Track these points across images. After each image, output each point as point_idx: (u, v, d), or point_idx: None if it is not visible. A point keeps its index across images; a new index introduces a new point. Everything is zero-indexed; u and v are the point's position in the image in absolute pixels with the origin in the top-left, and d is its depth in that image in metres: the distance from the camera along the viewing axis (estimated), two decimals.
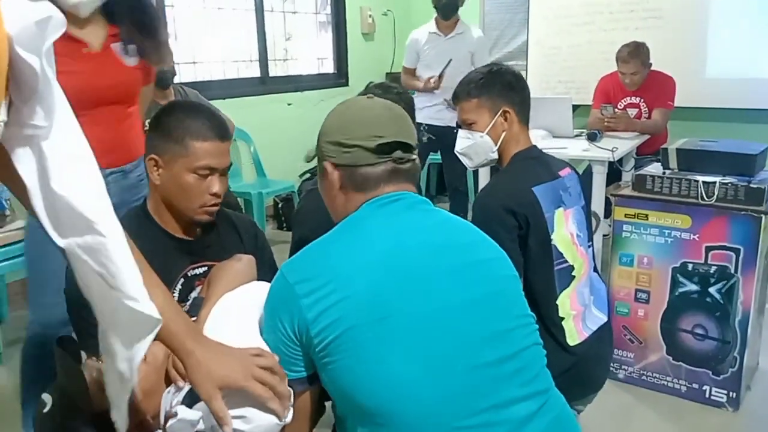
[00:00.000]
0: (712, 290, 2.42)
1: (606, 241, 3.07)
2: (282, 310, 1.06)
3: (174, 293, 1.44)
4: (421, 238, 1.11)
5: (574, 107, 3.86)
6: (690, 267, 2.45)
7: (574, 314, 1.69)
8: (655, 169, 2.58)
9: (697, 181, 2.38)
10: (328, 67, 5.50)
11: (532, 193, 1.66)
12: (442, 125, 3.99)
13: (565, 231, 1.71)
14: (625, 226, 2.56)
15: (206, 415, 1.04)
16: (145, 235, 1.35)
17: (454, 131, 2.25)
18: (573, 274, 1.71)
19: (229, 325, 1.17)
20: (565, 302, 1.68)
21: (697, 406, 2.50)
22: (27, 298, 1.96)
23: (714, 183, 2.35)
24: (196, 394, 1.03)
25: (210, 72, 4.56)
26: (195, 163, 1.39)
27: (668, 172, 2.49)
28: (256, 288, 1.28)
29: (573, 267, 1.71)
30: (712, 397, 2.49)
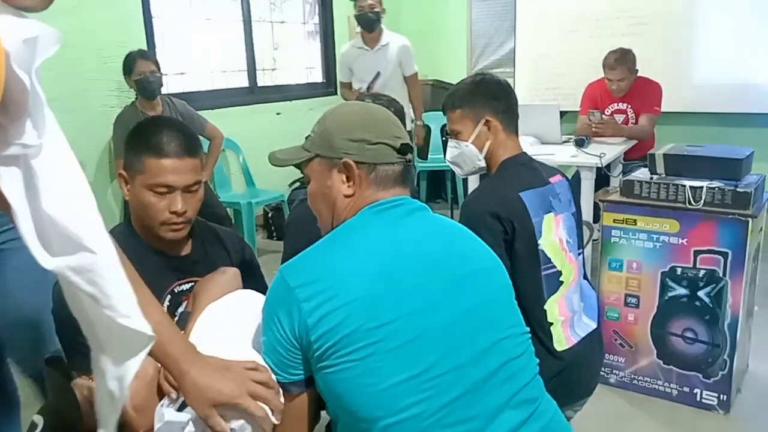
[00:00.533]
0: (701, 294, 2.44)
1: (595, 247, 3.08)
2: (282, 312, 1.05)
3: None
4: (419, 247, 1.12)
5: (562, 113, 3.88)
6: (679, 271, 2.46)
7: (562, 320, 1.69)
8: (642, 174, 2.59)
9: (685, 185, 2.40)
10: (317, 76, 5.51)
11: (519, 198, 1.67)
12: None
13: (554, 236, 1.72)
14: (614, 231, 2.57)
15: (196, 418, 1.04)
16: (132, 251, 1.33)
17: None
18: (561, 279, 1.71)
19: (216, 334, 1.17)
20: (553, 308, 1.68)
21: (689, 410, 2.51)
22: None
23: (701, 187, 2.37)
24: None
25: (198, 82, 4.55)
26: (149, 180, 1.36)
27: (656, 178, 2.51)
28: (240, 296, 1.28)
29: (561, 272, 1.71)
30: (703, 400, 2.50)
